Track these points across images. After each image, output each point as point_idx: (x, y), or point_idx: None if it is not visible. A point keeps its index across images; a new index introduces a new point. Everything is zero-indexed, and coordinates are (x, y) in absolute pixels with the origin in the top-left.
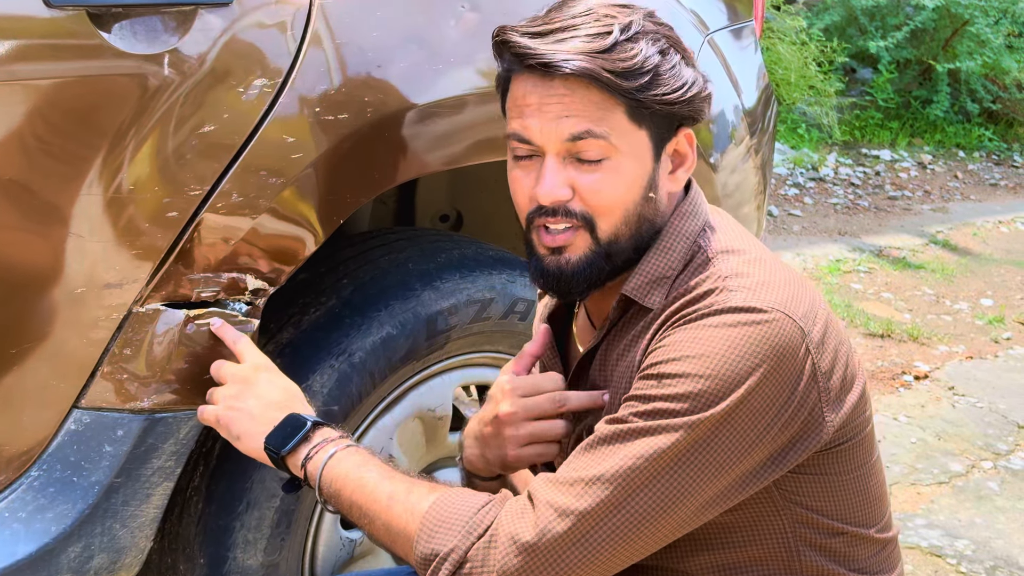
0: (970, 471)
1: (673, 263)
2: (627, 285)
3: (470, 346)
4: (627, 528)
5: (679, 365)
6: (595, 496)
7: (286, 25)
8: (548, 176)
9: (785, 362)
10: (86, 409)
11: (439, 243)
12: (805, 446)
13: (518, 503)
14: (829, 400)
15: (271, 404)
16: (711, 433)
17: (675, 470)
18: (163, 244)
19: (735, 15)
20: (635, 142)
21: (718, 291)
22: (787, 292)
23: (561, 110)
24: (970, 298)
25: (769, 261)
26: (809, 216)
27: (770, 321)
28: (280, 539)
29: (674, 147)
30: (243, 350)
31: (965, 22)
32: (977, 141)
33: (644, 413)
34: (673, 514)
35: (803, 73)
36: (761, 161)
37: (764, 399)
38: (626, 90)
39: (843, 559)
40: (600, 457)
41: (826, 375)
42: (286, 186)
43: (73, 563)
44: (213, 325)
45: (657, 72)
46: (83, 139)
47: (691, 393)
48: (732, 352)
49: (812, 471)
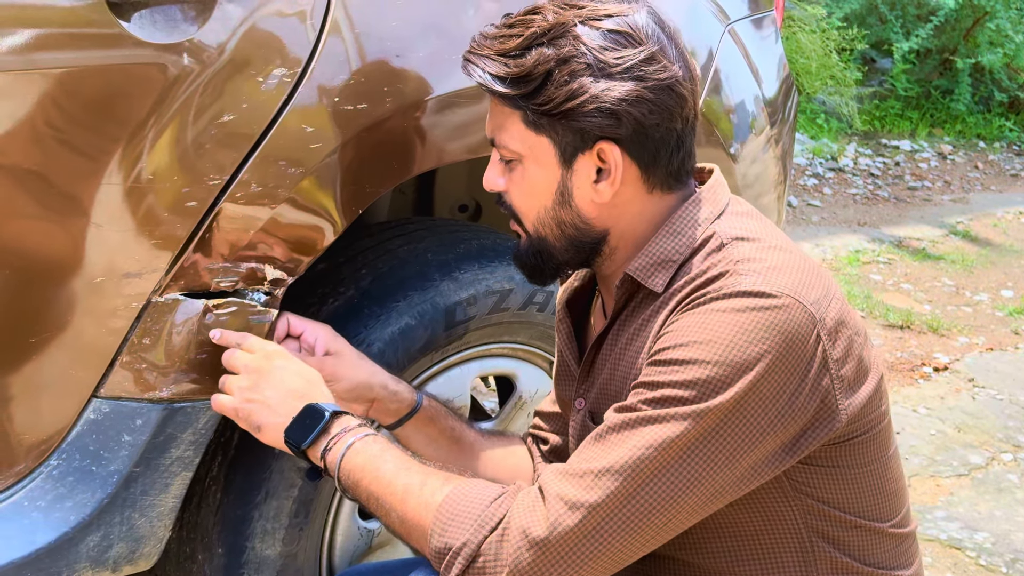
0: (990, 463)
1: (680, 246)
2: (631, 265)
3: (488, 337)
4: (638, 518)
5: (687, 351)
6: (605, 488)
7: (305, 14)
8: (489, 168)
9: (795, 348)
10: (105, 398)
11: (458, 233)
12: (818, 434)
13: (530, 495)
14: (843, 388)
15: (289, 393)
16: (721, 422)
17: (685, 459)
18: (182, 234)
19: (756, 5)
20: (537, 149)
21: (728, 274)
22: (799, 278)
23: (489, 112)
24: (990, 289)
25: (784, 248)
26: (828, 206)
27: (780, 307)
28: (298, 529)
29: (593, 158)
30: (251, 343)
31: (986, 12)
32: (998, 131)
33: (652, 400)
34: (684, 503)
35: (823, 63)
36: (781, 151)
37: (774, 386)
38: (507, 96)
39: (857, 552)
40: (609, 447)
41: (838, 362)
42: (305, 176)
43: (92, 552)
44: (214, 336)
45: (546, 81)
46: (102, 128)
47: (699, 380)
48: (740, 337)
49: (824, 463)
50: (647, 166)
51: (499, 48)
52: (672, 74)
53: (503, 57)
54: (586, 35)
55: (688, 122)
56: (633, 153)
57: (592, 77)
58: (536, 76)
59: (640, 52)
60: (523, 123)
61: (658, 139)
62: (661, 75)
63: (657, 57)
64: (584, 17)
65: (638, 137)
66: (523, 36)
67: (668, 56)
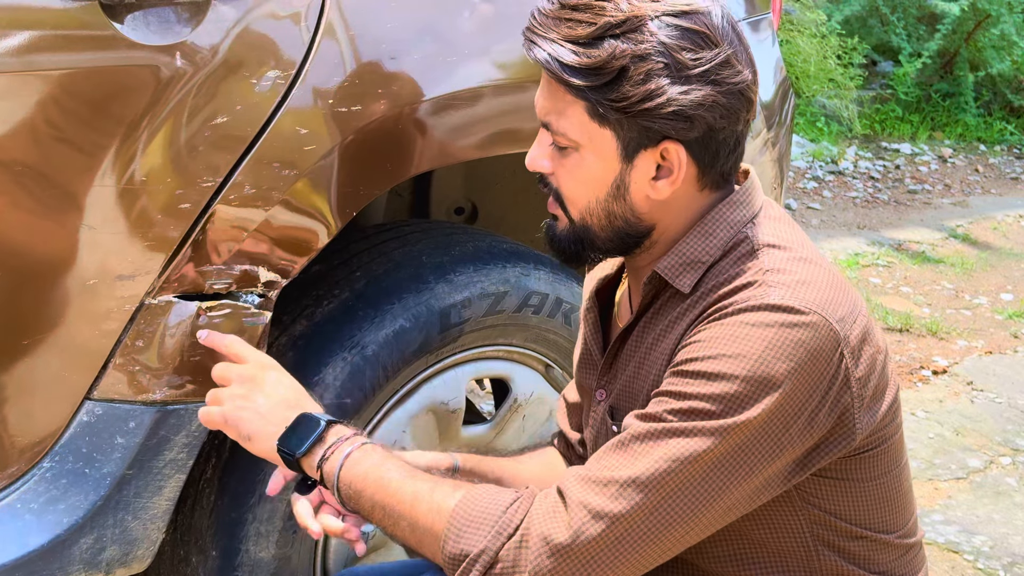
0: (988, 467)
1: (711, 248)
2: (660, 263)
3: (484, 339)
4: (659, 530)
5: (714, 364)
6: (630, 499)
7: (299, 16)
8: (534, 146)
9: (820, 366)
10: (98, 401)
11: (453, 236)
12: (832, 450)
13: (548, 501)
14: (862, 406)
15: (281, 402)
16: (746, 439)
17: (709, 475)
18: (176, 236)
19: (752, 8)
20: (598, 140)
21: (757, 284)
22: (827, 294)
23: (545, 90)
24: (990, 292)
25: (814, 261)
26: (828, 210)
27: (807, 324)
28: (292, 531)
29: (656, 156)
30: (240, 350)
31: (988, 15)
32: (998, 135)
33: (679, 412)
34: (704, 516)
35: (823, 66)
36: (778, 154)
37: (798, 403)
38: (576, 87)
39: (863, 562)
40: (634, 457)
41: (860, 381)
42: (299, 178)
43: (85, 555)
44: (200, 337)
45: (619, 76)
46: (96, 130)
47: (727, 395)
48: (768, 353)
49: (834, 476)
50: (706, 166)
51: (568, 33)
52: (744, 79)
53: (573, 44)
54: (663, 32)
55: (748, 123)
56: (696, 154)
57: (669, 79)
58: (611, 70)
59: (717, 55)
60: (587, 113)
61: (721, 141)
62: (735, 79)
63: (732, 61)
64: (660, 12)
65: (704, 139)
66: (596, 25)
67: (741, 59)
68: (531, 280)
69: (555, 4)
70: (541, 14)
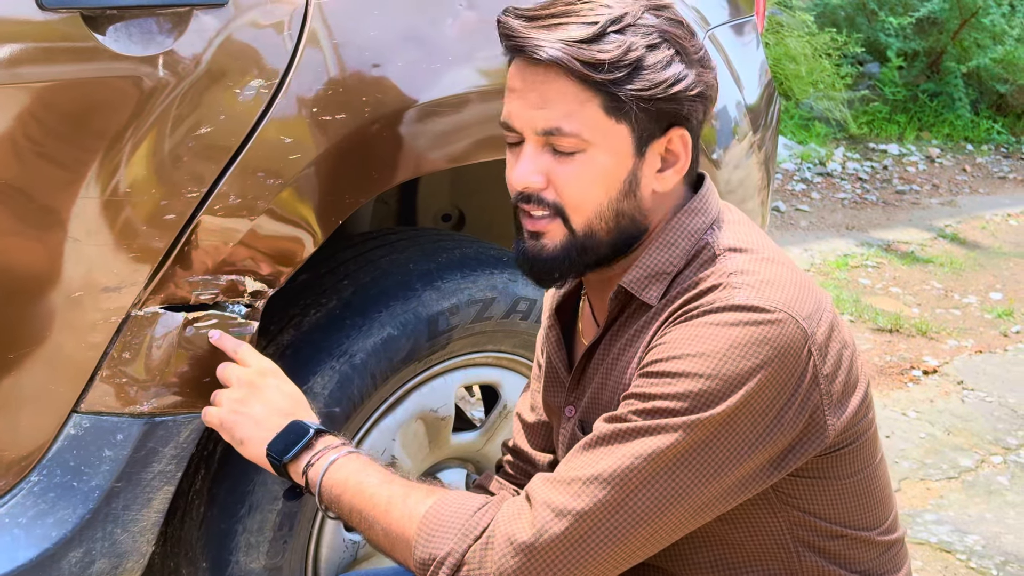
0: (980, 466)
1: (674, 258)
2: (625, 277)
3: (472, 346)
4: (625, 528)
5: (680, 363)
6: (593, 496)
7: (282, 25)
8: (522, 163)
9: (787, 363)
10: (85, 413)
11: (440, 243)
12: (805, 450)
13: (515, 504)
14: (831, 404)
15: (276, 410)
16: (711, 434)
17: (674, 471)
18: (161, 247)
19: (736, 11)
20: (612, 137)
21: (722, 287)
22: (792, 292)
23: (537, 99)
24: (979, 292)
25: (777, 260)
26: (816, 211)
27: (773, 321)
28: (283, 542)
29: (664, 146)
30: (246, 356)
31: (974, 13)
32: (986, 134)
33: (644, 412)
34: (671, 515)
35: (812, 67)
36: (764, 157)
37: (765, 401)
38: (599, 82)
39: (844, 561)
40: (598, 456)
41: (828, 378)
42: (284, 187)
43: (74, 568)
44: (212, 337)
45: (638, 66)
46: (79, 142)
47: (691, 392)
48: (734, 352)
49: (810, 475)
50: (694, 155)
51: (570, 35)
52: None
53: (585, 44)
54: (659, 23)
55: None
56: (695, 140)
57: (684, 64)
58: (629, 61)
59: (699, 41)
60: (603, 110)
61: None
62: (713, 64)
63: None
64: (645, 6)
65: (700, 125)
66: (596, 23)
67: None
68: (519, 286)
69: (537, 10)
70: (523, 20)
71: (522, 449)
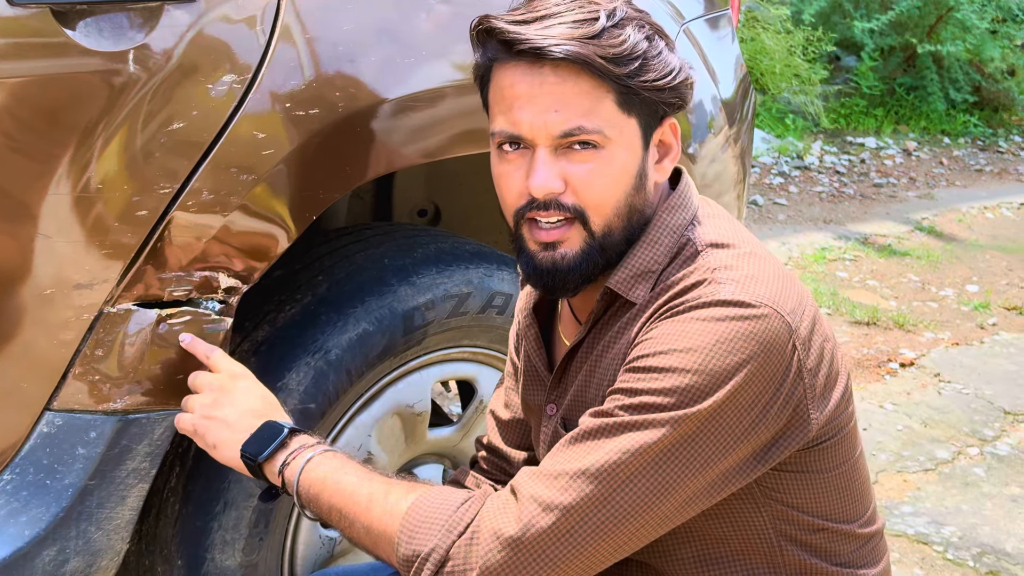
0: (956, 458)
1: (659, 257)
2: (612, 278)
3: (448, 341)
4: (612, 523)
5: (666, 359)
6: (580, 490)
7: (255, 20)
8: (541, 169)
9: (773, 358)
10: (58, 411)
11: (415, 238)
12: (789, 443)
13: (500, 498)
14: (814, 397)
15: (248, 412)
16: (697, 429)
17: (660, 465)
18: (133, 243)
19: (711, 5)
20: (626, 131)
21: (706, 283)
22: (776, 287)
23: (551, 102)
24: (955, 284)
25: (759, 255)
26: (794, 205)
27: (759, 316)
28: (259, 539)
29: (660, 136)
30: (217, 361)
31: (950, 8)
32: (962, 127)
33: (630, 407)
34: (657, 509)
35: (788, 62)
36: (740, 150)
37: (751, 395)
38: (617, 76)
39: (825, 554)
40: (585, 451)
41: (812, 372)
42: (257, 183)
43: (48, 567)
44: (183, 341)
45: (646, 58)
46: (50, 138)
47: (677, 387)
48: (720, 346)
49: (793, 468)
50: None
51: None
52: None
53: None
54: (643, 16)
55: None
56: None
57: (672, 53)
58: (636, 55)
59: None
60: (616, 105)
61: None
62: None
63: None
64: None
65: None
66: (595, 19)
67: None
68: (494, 281)
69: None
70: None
71: (496, 446)
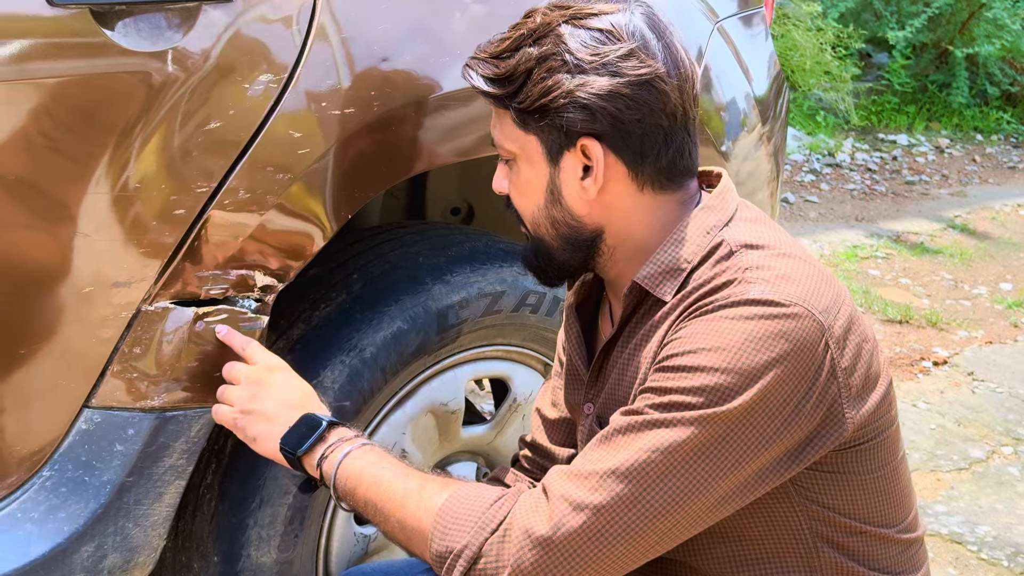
0: (990, 457)
1: (688, 255)
2: (639, 273)
3: (482, 339)
4: (643, 522)
5: (696, 357)
6: (611, 490)
7: (291, 19)
8: (496, 171)
9: (804, 357)
10: (96, 408)
11: (449, 236)
12: (823, 443)
13: (532, 497)
14: (850, 397)
15: (286, 405)
16: (727, 428)
17: (691, 464)
18: (171, 242)
19: (745, 2)
20: (527, 147)
21: (737, 282)
22: (808, 286)
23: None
24: (989, 282)
25: (794, 255)
26: (826, 202)
27: (789, 315)
28: (294, 536)
29: (578, 156)
30: (253, 353)
31: (982, 5)
32: (995, 124)
33: (660, 405)
34: (688, 509)
35: (819, 59)
36: (774, 148)
37: (782, 395)
38: (494, 96)
39: (863, 558)
40: (615, 449)
41: (846, 371)
42: (293, 182)
43: (86, 563)
44: (219, 333)
45: (526, 79)
46: (89, 137)
47: (708, 386)
48: (749, 345)
49: (830, 469)
50: (634, 163)
51: (492, 51)
52: (652, 70)
53: (494, 59)
54: (568, 33)
55: (676, 119)
56: (617, 149)
57: (568, 74)
58: (519, 75)
59: (618, 49)
60: (513, 122)
61: (641, 135)
62: (639, 71)
63: (636, 53)
64: (569, 16)
65: (619, 133)
66: (512, 38)
67: (650, 52)
68: (528, 279)
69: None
70: (482, 43)
71: (541, 444)
